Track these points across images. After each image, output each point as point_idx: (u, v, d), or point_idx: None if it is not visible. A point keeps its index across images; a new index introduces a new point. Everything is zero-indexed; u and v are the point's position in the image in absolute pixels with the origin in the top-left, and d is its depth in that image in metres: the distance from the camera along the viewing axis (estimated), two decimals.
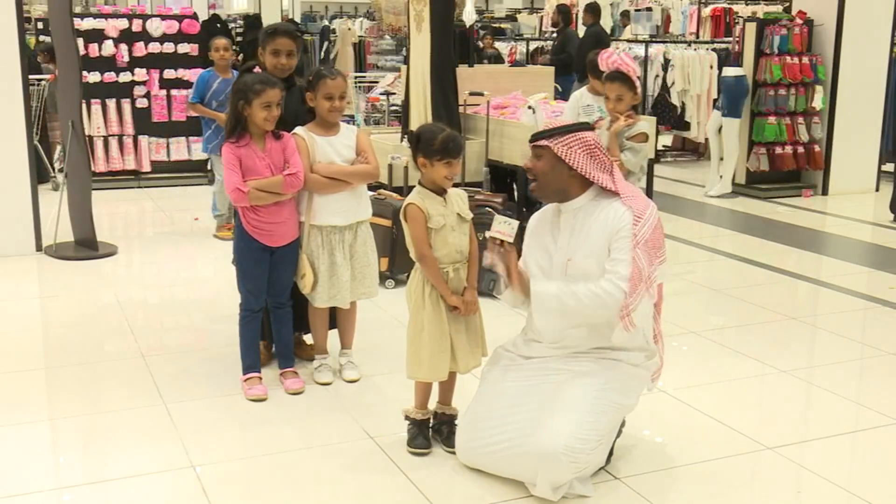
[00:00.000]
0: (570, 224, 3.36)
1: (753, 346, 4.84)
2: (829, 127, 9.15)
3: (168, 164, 9.37)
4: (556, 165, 3.31)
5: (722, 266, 6.66)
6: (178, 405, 4.04)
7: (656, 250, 3.28)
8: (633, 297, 3.19)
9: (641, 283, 3.20)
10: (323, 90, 4.06)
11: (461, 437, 3.45)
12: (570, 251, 3.32)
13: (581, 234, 3.32)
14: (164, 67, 9.23)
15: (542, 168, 3.34)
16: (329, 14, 24.16)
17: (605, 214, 3.29)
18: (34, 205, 6.66)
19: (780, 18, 9.18)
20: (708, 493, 3.34)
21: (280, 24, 4.52)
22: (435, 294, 3.51)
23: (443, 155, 3.47)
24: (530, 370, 3.41)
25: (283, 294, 4.18)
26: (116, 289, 5.88)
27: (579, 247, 3.31)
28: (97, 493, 3.30)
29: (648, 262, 3.23)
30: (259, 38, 4.38)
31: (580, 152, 3.29)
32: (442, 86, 6.82)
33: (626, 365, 3.35)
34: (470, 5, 8.48)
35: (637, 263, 3.20)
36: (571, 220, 3.36)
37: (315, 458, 3.57)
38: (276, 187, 3.96)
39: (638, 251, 3.21)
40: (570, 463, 3.13)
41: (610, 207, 3.30)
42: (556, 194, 3.38)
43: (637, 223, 3.24)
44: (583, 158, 3.30)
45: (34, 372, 4.49)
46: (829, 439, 3.79)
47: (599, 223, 3.29)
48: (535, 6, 23.37)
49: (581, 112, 6.05)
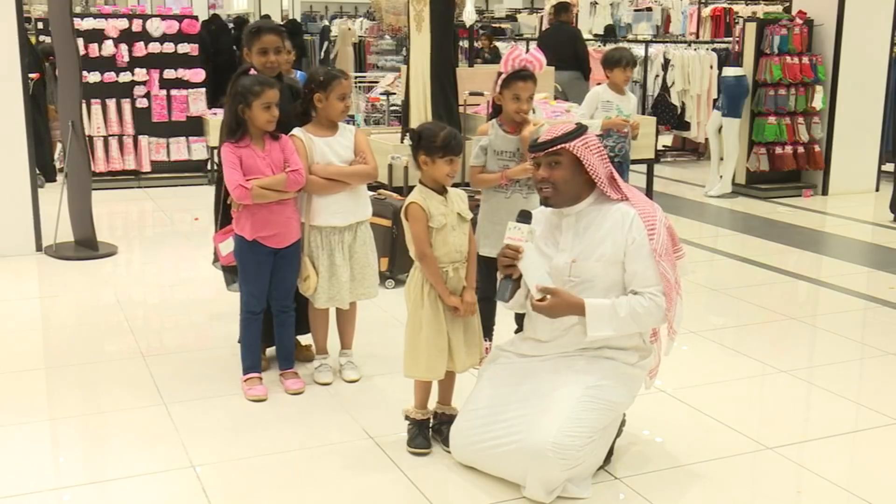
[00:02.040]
0: (573, 226, 3.35)
1: (753, 346, 4.84)
2: (829, 127, 9.14)
3: (168, 164, 9.37)
4: (575, 171, 3.28)
5: (722, 266, 6.66)
6: (178, 405, 4.04)
7: (673, 249, 3.32)
8: (671, 310, 3.24)
9: (673, 291, 3.25)
10: (338, 90, 4.05)
11: (456, 435, 3.45)
12: (575, 253, 3.32)
13: (587, 237, 3.31)
14: (164, 67, 9.23)
15: (563, 175, 3.28)
16: (329, 14, 24.17)
17: (612, 217, 3.29)
18: (34, 205, 6.67)
19: (780, 18, 9.18)
20: (708, 493, 3.34)
21: (263, 22, 4.49)
22: (433, 293, 3.51)
23: (445, 152, 3.47)
24: (526, 369, 3.41)
25: (286, 297, 4.17)
26: (116, 289, 5.88)
27: (585, 249, 3.30)
28: (97, 493, 3.30)
29: (672, 268, 3.27)
30: (243, 38, 4.31)
31: (596, 153, 3.29)
32: (442, 86, 6.82)
33: (620, 364, 3.35)
34: (470, 5, 8.48)
35: (666, 277, 3.22)
36: (574, 222, 3.35)
37: (315, 457, 3.57)
38: (280, 185, 3.95)
39: (663, 264, 3.22)
40: (558, 460, 3.12)
41: (616, 209, 3.29)
42: (571, 199, 3.34)
43: (652, 236, 3.24)
44: (596, 160, 3.29)
45: (34, 372, 4.48)
46: (829, 439, 3.78)
47: (607, 226, 3.28)
48: (535, 6, 23.36)
49: (599, 107, 6.01)
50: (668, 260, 3.24)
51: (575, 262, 3.30)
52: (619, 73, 6.18)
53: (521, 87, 4.16)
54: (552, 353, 3.40)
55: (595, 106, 6.17)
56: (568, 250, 3.34)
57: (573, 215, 3.35)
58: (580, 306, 3.21)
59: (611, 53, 6.38)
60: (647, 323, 3.27)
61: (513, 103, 4.18)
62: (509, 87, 4.18)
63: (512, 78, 4.18)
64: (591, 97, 6.27)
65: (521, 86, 4.16)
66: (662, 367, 3.61)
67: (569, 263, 3.31)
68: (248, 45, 4.23)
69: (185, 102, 9.35)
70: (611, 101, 6.13)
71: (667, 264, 3.23)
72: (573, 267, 3.30)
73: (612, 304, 3.21)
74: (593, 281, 3.25)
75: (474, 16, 8.78)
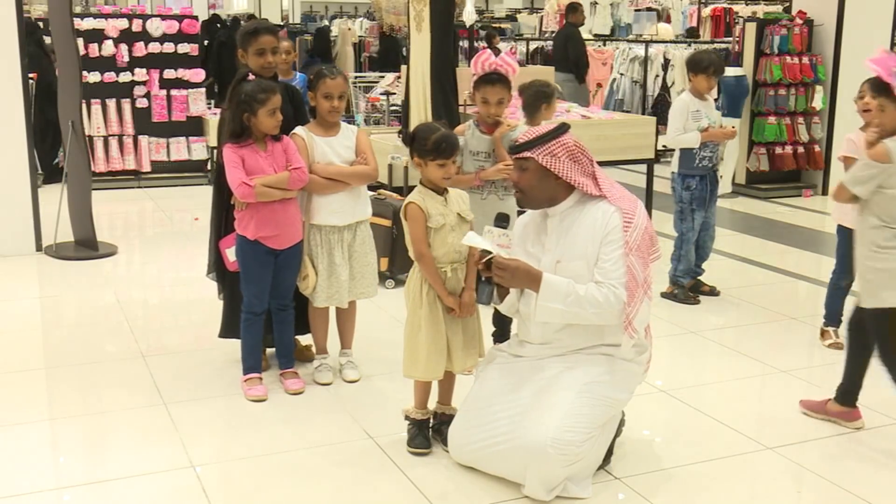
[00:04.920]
0: (557, 227, 3.36)
1: (753, 346, 4.84)
2: (829, 127, 9.14)
3: (168, 164, 9.38)
4: (543, 176, 3.29)
5: (722, 266, 6.65)
6: (178, 405, 4.04)
7: (649, 249, 3.30)
8: (632, 306, 3.20)
9: (639, 289, 3.20)
10: (322, 89, 4.05)
11: (454, 436, 3.45)
12: (559, 254, 3.32)
13: (569, 237, 3.32)
14: (164, 67, 9.23)
15: (529, 181, 3.31)
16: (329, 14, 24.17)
17: (592, 215, 3.29)
18: (34, 205, 6.67)
19: (780, 18, 9.18)
20: (708, 493, 3.34)
21: (260, 22, 4.47)
22: (432, 294, 3.51)
23: (435, 155, 3.47)
24: (523, 368, 3.42)
25: (286, 296, 4.17)
26: (116, 289, 5.88)
27: (568, 249, 3.31)
28: (97, 493, 3.30)
29: (643, 266, 3.23)
30: (238, 40, 4.26)
31: (564, 159, 3.28)
32: (442, 86, 6.81)
33: (617, 360, 3.35)
34: (470, 5, 8.49)
35: (632, 271, 3.19)
36: (558, 223, 3.36)
37: (315, 458, 3.57)
38: (283, 183, 3.95)
39: (632, 258, 3.20)
40: (559, 455, 3.13)
41: (597, 208, 3.30)
42: (543, 203, 3.37)
43: (627, 228, 3.23)
44: (567, 165, 3.28)
45: (34, 372, 4.48)
46: (829, 439, 3.79)
47: (587, 224, 3.28)
48: (535, 6, 23.36)
49: (690, 118, 5.50)
50: (638, 255, 3.22)
51: (560, 263, 3.31)
52: (703, 80, 5.54)
53: (489, 91, 4.23)
54: (547, 354, 3.40)
55: (685, 117, 5.55)
56: (552, 251, 3.34)
57: (557, 216, 3.36)
58: (538, 276, 3.20)
59: (697, 57, 5.67)
60: (604, 312, 3.20)
61: (482, 106, 4.25)
62: (479, 89, 4.27)
63: (481, 81, 4.25)
64: (679, 109, 5.61)
65: (489, 89, 4.23)
66: (662, 368, 3.61)
67: (553, 264, 3.32)
68: (245, 45, 4.18)
69: (185, 102, 9.35)
70: (699, 110, 5.55)
71: (636, 259, 3.21)
72: (558, 268, 3.30)
73: (569, 282, 3.20)
74: (578, 280, 3.24)
75: (474, 16, 8.80)
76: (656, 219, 6.86)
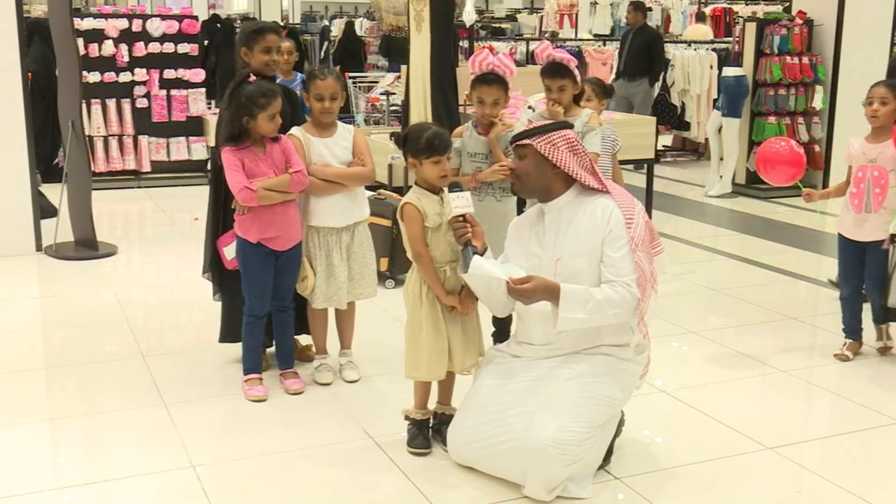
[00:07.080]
0: (555, 224, 3.37)
1: (753, 346, 4.84)
2: (829, 127, 9.14)
3: (168, 164, 9.37)
4: (540, 164, 3.33)
5: (722, 266, 6.66)
6: (178, 405, 4.04)
7: (651, 243, 3.32)
8: (644, 301, 3.22)
9: (647, 283, 3.22)
10: (313, 91, 4.06)
11: (453, 435, 3.45)
12: (559, 251, 3.33)
13: (568, 233, 3.32)
14: (164, 67, 9.23)
15: (526, 167, 3.36)
16: (329, 14, 24.16)
17: (591, 211, 3.30)
18: (34, 205, 6.67)
19: (780, 18, 9.18)
20: (708, 493, 3.34)
21: (264, 22, 4.48)
22: (432, 294, 3.51)
23: (429, 153, 3.47)
24: (522, 369, 3.41)
25: (286, 297, 4.17)
26: (116, 289, 5.88)
27: (568, 245, 3.31)
28: (97, 493, 3.30)
29: (649, 261, 3.26)
30: (241, 38, 4.25)
31: (564, 149, 3.31)
32: (442, 86, 6.81)
33: (616, 360, 3.35)
34: (470, 5, 8.48)
35: (641, 266, 3.21)
36: (556, 219, 3.37)
37: (315, 458, 3.57)
38: (284, 186, 3.95)
39: (639, 254, 3.22)
40: (559, 455, 3.13)
41: (596, 203, 3.31)
42: (538, 192, 3.39)
43: (630, 225, 3.25)
44: (566, 155, 3.31)
45: (34, 372, 4.48)
46: (829, 439, 3.79)
47: (587, 220, 3.29)
48: (535, 6, 23.36)
49: None
50: (644, 251, 3.24)
51: (560, 261, 3.31)
52: None
53: (484, 91, 4.20)
54: (547, 355, 3.40)
55: None
56: (552, 248, 3.35)
57: (554, 212, 3.37)
58: (556, 289, 3.20)
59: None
60: (622, 311, 3.21)
61: (477, 106, 4.24)
62: (475, 89, 4.24)
63: (477, 81, 4.23)
64: None
65: (484, 90, 4.21)
66: (662, 368, 3.61)
67: (554, 262, 3.32)
68: (250, 44, 4.17)
69: (185, 102, 9.35)
70: None
71: (643, 255, 3.23)
72: (558, 265, 3.30)
73: (586, 289, 3.21)
74: (578, 277, 3.25)
75: (474, 16, 8.78)
76: (656, 219, 6.86)
